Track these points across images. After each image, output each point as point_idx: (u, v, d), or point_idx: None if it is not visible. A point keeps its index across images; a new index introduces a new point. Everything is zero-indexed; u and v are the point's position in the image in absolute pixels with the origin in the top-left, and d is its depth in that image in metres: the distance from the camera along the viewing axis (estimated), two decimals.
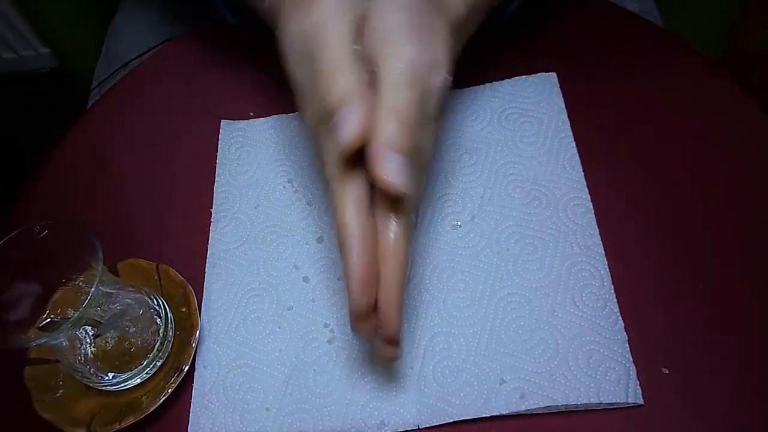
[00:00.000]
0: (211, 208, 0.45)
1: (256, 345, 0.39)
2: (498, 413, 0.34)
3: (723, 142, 0.43)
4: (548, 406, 0.34)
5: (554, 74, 0.47)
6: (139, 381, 0.38)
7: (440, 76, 0.31)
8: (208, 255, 0.43)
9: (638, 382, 0.34)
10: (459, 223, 0.41)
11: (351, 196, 0.30)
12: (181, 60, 0.55)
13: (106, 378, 0.37)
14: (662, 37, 0.49)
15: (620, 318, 0.36)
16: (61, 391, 0.38)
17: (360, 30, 0.31)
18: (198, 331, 0.38)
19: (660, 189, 0.41)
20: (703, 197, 0.41)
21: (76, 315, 0.32)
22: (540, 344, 0.36)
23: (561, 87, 0.46)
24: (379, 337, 0.31)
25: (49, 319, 0.36)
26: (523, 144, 0.44)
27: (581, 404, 0.34)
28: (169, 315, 0.39)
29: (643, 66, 0.47)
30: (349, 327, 0.31)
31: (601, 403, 0.34)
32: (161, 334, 0.38)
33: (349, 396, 0.37)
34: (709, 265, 0.38)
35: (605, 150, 0.43)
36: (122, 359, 0.37)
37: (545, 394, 0.35)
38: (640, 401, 0.34)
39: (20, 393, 0.37)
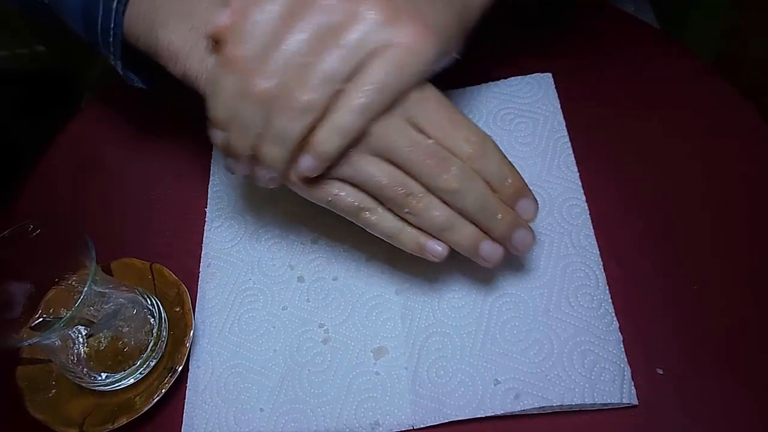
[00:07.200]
0: (206, 207, 0.45)
1: (250, 345, 0.39)
2: (493, 413, 0.34)
3: (718, 144, 0.43)
4: (543, 407, 0.34)
5: (550, 75, 0.47)
6: (132, 381, 0.37)
7: None
8: (202, 254, 0.43)
9: (633, 383, 0.34)
10: None
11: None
12: None
13: (99, 378, 0.37)
14: (658, 39, 0.49)
15: (615, 318, 0.36)
16: (54, 391, 0.38)
17: None
18: (192, 331, 0.38)
19: (655, 190, 0.41)
20: (698, 198, 0.41)
21: (68, 314, 0.32)
22: (535, 345, 0.36)
23: (556, 87, 0.46)
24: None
25: (41, 319, 0.36)
26: (518, 144, 0.44)
27: (576, 405, 0.34)
28: (163, 315, 0.39)
29: (638, 67, 0.47)
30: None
31: (595, 404, 0.34)
32: (155, 334, 0.38)
33: (344, 396, 0.36)
34: (704, 266, 0.38)
35: (600, 151, 0.43)
36: (115, 359, 0.37)
37: (540, 394, 0.35)
38: (635, 402, 0.34)
39: (12, 393, 0.37)
